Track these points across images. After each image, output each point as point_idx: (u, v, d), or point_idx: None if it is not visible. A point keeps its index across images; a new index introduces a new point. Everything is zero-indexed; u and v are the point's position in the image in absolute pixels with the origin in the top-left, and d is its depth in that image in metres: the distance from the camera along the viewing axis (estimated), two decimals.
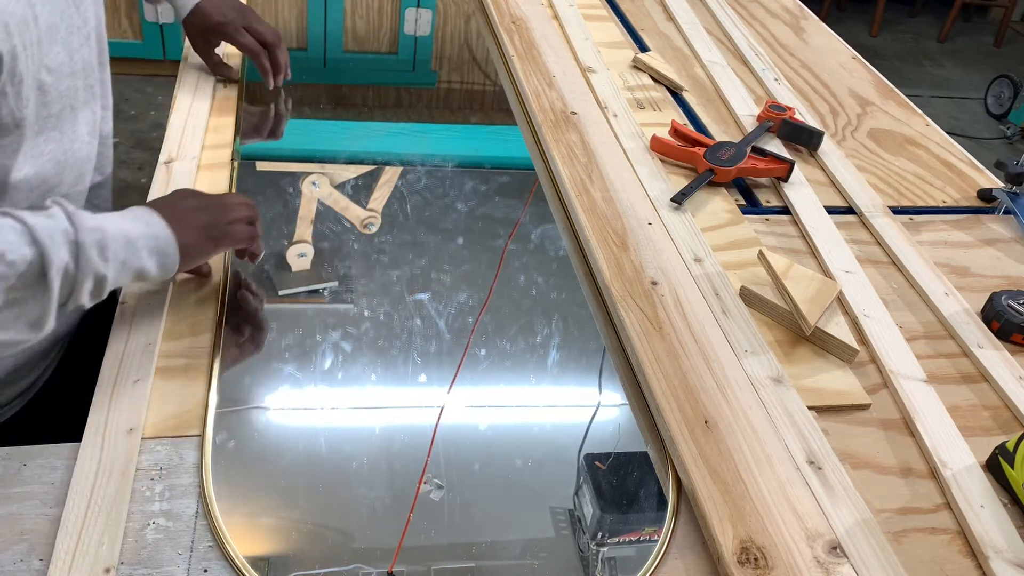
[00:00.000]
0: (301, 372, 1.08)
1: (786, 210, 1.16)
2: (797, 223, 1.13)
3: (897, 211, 1.18)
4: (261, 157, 1.39)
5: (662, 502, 0.78)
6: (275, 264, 1.24)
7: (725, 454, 0.78)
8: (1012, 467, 0.79)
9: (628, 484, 0.94)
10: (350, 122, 1.76)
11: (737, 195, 1.18)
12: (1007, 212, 1.20)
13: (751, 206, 1.17)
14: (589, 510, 0.93)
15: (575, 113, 1.28)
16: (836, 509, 0.75)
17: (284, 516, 0.92)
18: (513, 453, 1.06)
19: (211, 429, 0.78)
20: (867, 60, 1.62)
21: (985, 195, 1.23)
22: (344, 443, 1.05)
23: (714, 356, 0.88)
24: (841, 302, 0.99)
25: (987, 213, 1.21)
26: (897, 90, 1.52)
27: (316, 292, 1.24)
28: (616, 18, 1.64)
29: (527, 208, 1.41)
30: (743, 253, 1.05)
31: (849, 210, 1.17)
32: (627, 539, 0.91)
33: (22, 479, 0.73)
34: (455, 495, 0.95)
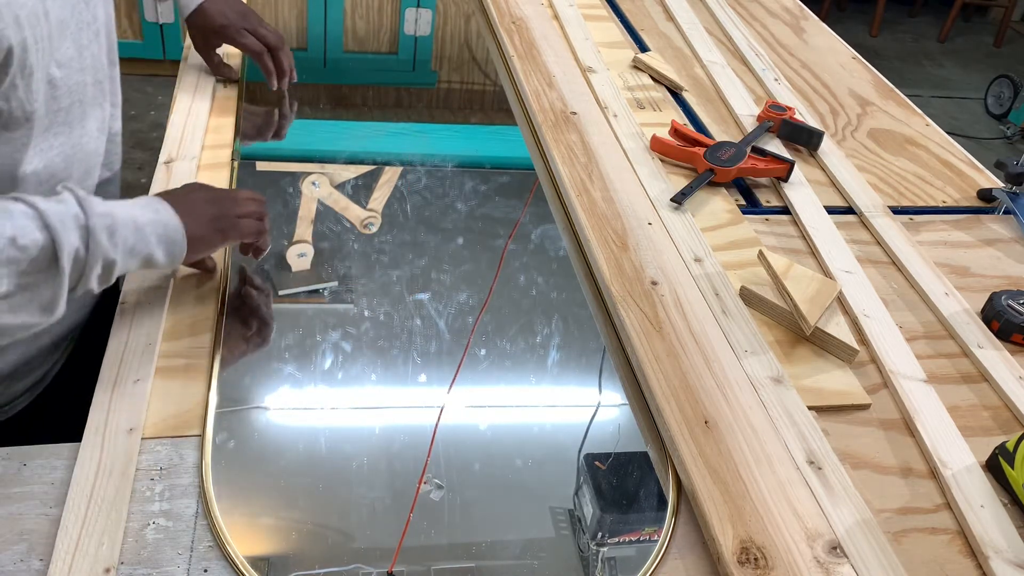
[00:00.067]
0: (301, 372, 1.08)
1: (786, 210, 1.16)
2: (797, 223, 1.13)
3: (897, 211, 1.18)
4: (261, 157, 1.39)
5: (662, 502, 0.78)
6: (275, 264, 1.24)
7: (725, 454, 0.78)
8: (1012, 467, 0.79)
9: (628, 484, 0.94)
10: (350, 122, 1.76)
11: (737, 195, 1.18)
12: (1007, 212, 1.20)
13: (751, 206, 1.17)
14: (589, 510, 0.93)
15: (575, 113, 1.28)
16: (836, 509, 0.75)
17: (284, 516, 0.92)
18: (513, 453, 1.06)
19: (211, 429, 0.78)
20: (867, 60, 1.62)
21: (985, 195, 1.23)
22: (344, 443, 1.05)
23: (714, 356, 0.88)
24: (841, 302, 0.99)
25: (987, 213, 1.21)
26: (897, 90, 1.52)
27: (316, 292, 1.24)
28: (616, 18, 1.64)
29: (527, 208, 1.41)
30: (743, 253, 1.05)
31: (849, 210, 1.17)
32: (627, 539, 0.91)
33: (22, 479, 0.73)
34: (455, 495, 0.95)
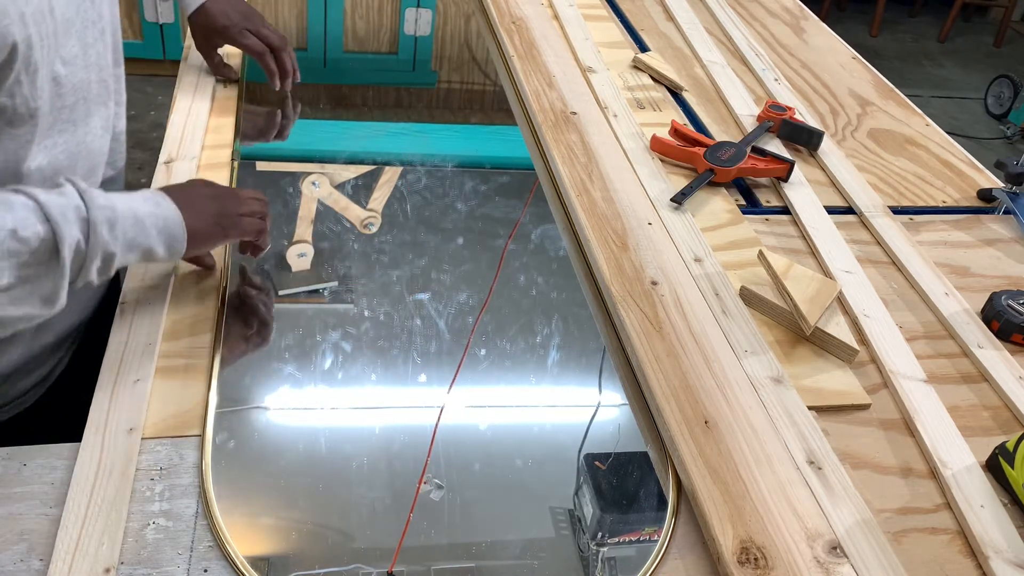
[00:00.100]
0: (301, 372, 1.08)
1: (786, 210, 1.16)
2: (797, 223, 1.13)
3: (897, 211, 1.18)
4: (261, 157, 1.39)
5: (662, 502, 0.78)
6: (275, 264, 1.24)
7: (725, 454, 0.78)
8: (1012, 467, 0.79)
9: (628, 484, 0.94)
10: (350, 122, 1.76)
11: (737, 195, 1.18)
12: (1007, 212, 1.20)
13: (751, 206, 1.17)
14: (589, 510, 0.93)
15: (575, 113, 1.28)
16: (836, 509, 0.75)
17: (284, 516, 0.92)
18: (513, 453, 1.06)
19: (211, 429, 0.78)
20: (867, 60, 1.61)
21: (985, 195, 1.23)
22: (344, 443, 1.05)
23: (714, 356, 0.88)
24: (841, 302, 0.99)
25: (987, 213, 1.21)
26: (897, 90, 1.52)
27: (316, 292, 1.24)
28: (616, 18, 1.64)
29: (527, 208, 1.41)
30: (743, 253, 1.05)
31: (849, 210, 1.17)
32: (627, 539, 0.91)
33: (22, 479, 0.73)
34: (455, 495, 0.95)
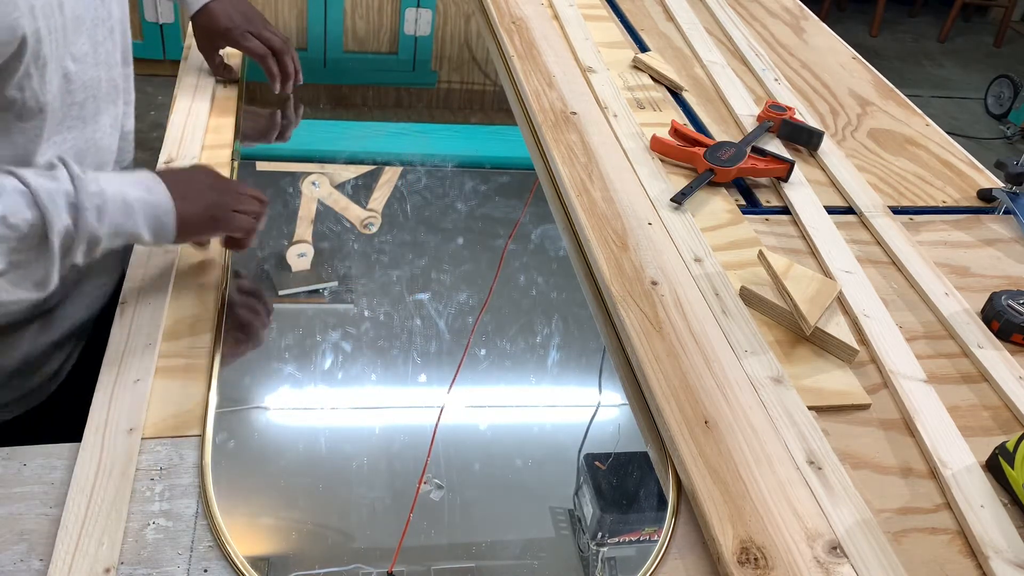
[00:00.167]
0: (301, 372, 1.08)
1: (786, 210, 1.16)
2: (797, 223, 1.13)
3: (897, 211, 1.18)
4: (261, 157, 1.39)
5: (662, 502, 0.78)
6: (275, 264, 1.24)
7: (725, 454, 0.78)
8: (1012, 467, 0.79)
9: (628, 484, 0.94)
10: (350, 122, 1.76)
11: (737, 195, 1.18)
12: (1007, 212, 1.20)
13: (751, 206, 1.17)
14: (589, 510, 0.93)
15: (575, 113, 1.28)
16: (836, 509, 0.75)
17: (284, 516, 0.92)
18: (513, 453, 1.06)
19: (211, 429, 0.78)
20: (867, 60, 1.61)
21: (985, 195, 1.23)
22: (344, 443, 1.05)
23: (714, 356, 0.88)
24: (841, 302, 0.99)
25: (987, 213, 1.21)
26: (897, 90, 1.52)
27: (316, 292, 1.24)
28: (616, 18, 1.64)
29: (527, 208, 1.41)
30: (743, 253, 1.05)
31: (849, 210, 1.17)
32: (627, 539, 0.91)
33: (22, 479, 0.73)
34: (455, 495, 0.95)
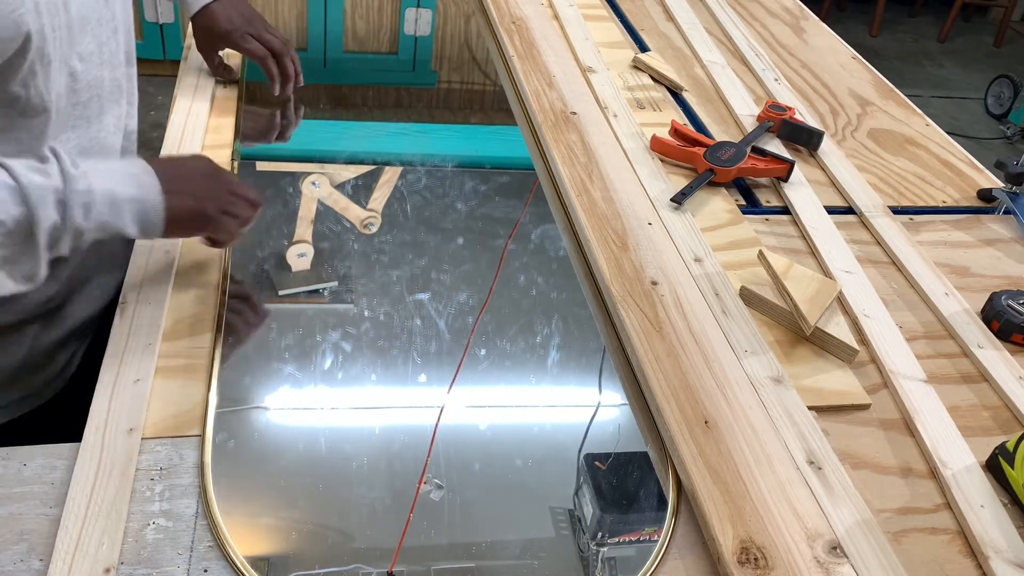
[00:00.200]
0: (301, 372, 1.08)
1: (786, 210, 1.16)
2: (797, 223, 1.13)
3: (897, 211, 1.18)
4: (261, 157, 1.39)
5: (662, 502, 0.78)
6: (275, 264, 1.24)
7: (725, 454, 0.78)
8: (1012, 467, 0.79)
9: (628, 484, 0.94)
10: (350, 122, 1.76)
11: (737, 195, 1.18)
12: (1007, 212, 1.20)
13: (751, 206, 1.17)
14: (589, 510, 0.93)
15: (575, 113, 1.28)
16: (836, 509, 0.75)
17: (284, 516, 0.92)
18: (513, 453, 1.06)
19: (211, 429, 0.78)
20: (867, 60, 1.61)
21: (985, 195, 1.23)
22: (344, 443, 1.05)
23: (714, 356, 0.88)
24: (841, 302, 0.99)
25: (987, 213, 1.21)
26: (897, 90, 1.52)
27: (316, 292, 1.24)
28: (616, 18, 1.64)
29: (527, 208, 1.41)
30: (743, 253, 1.05)
31: (849, 210, 1.17)
32: (627, 539, 0.91)
33: (22, 479, 0.73)
34: (455, 495, 0.95)
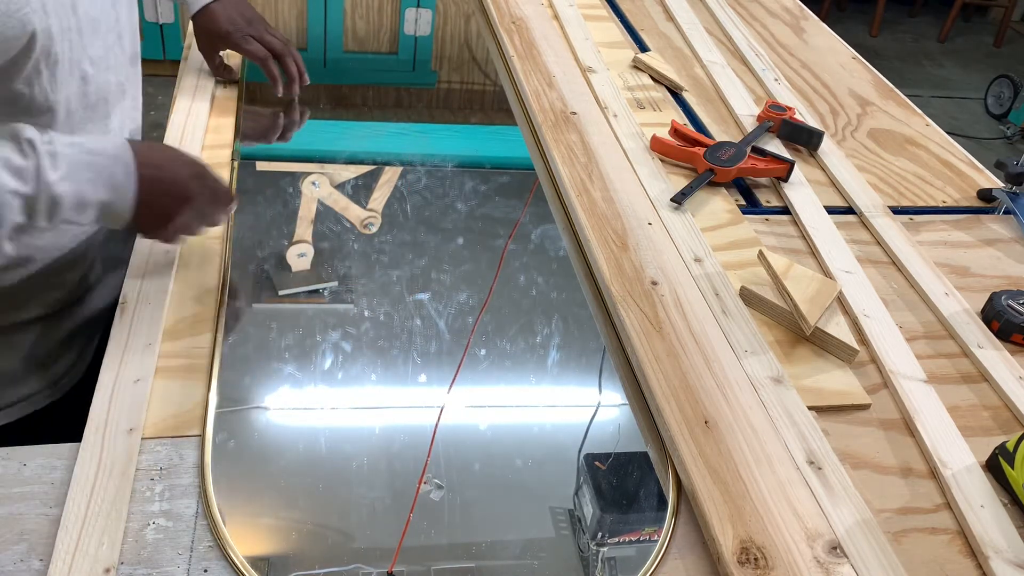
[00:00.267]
0: (301, 372, 1.08)
1: (786, 210, 1.16)
2: (797, 223, 1.13)
3: (897, 211, 1.18)
4: (261, 157, 1.39)
5: (662, 502, 0.78)
6: (275, 264, 1.24)
7: (725, 454, 0.78)
8: (1012, 467, 0.79)
9: (628, 484, 0.94)
10: (350, 122, 1.76)
11: (737, 195, 1.18)
12: (1007, 212, 1.20)
13: (751, 206, 1.17)
14: (589, 510, 0.93)
15: (575, 113, 1.28)
16: (836, 509, 0.75)
17: (284, 516, 0.92)
18: (513, 453, 1.06)
19: (211, 429, 0.78)
20: (867, 60, 1.61)
21: (985, 195, 1.23)
22: (344, 443, 1.05)
23: (714, 356, 0.88)
24: (841, 302, 0.99)
25: (987, 213, 1.21)
26: (897, 90, 1.52)
27: (316, 292, 1.24)
28: (616, 18, 1.64)
29: (527, 208, 1.41)
30: (743, 253, 1.05)
31: (849, 210, 1.17)
32: (627, 539, 0.91)
33: (22, 479, 0.73)
34: (455, 495, 0.95)
